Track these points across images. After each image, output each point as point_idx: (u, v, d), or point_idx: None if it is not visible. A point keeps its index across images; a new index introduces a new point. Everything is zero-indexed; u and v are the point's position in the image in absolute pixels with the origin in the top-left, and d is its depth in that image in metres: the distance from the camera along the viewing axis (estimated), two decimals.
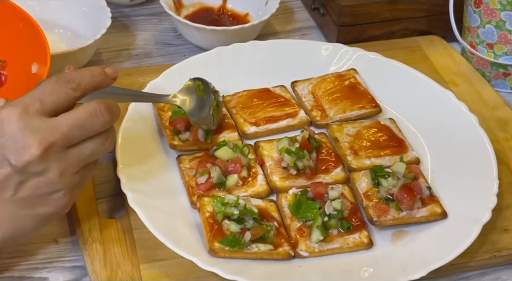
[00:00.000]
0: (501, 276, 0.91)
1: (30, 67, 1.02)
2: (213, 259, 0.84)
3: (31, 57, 1.02)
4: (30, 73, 1.02)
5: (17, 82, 1.04)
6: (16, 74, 1.06)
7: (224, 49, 1.11)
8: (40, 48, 1.00)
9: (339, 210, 0.89)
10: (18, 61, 1.05)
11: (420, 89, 1.08)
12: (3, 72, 1.06)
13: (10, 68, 1.07)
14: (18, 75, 1.05)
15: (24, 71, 1.03)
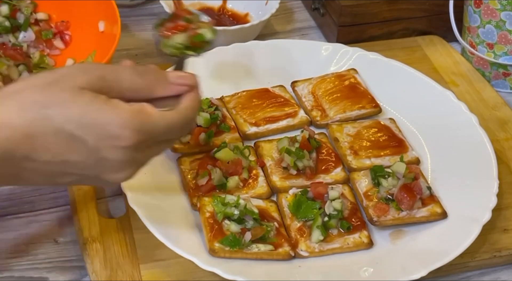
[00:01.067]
0: (501, 276, 0.91)
1: (97, 25, 1.05)
2: (213, 259, 0.84)
3: (97, 16, 1.05)
4: (97, 31, 1.04)
5: (84, 41, 1.07)
6: (82, 33, 1.08)
7: (224, 49, 1.11)
8: (107, 6, 1.02)
9: (339, 210, 0.89)
10: (83, 20, 1.07)
11: (420, 89, 1.08)
12: (67, 32, 1.09)
13: (75, 28, 1.09)
14: (85, 34, 1.07)
15: (90, 30, 1.05)
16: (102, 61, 0.95)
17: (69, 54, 1.07)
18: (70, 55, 1.06)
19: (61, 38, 1.09)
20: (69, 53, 1.07)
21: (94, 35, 1.03)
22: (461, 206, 0.92)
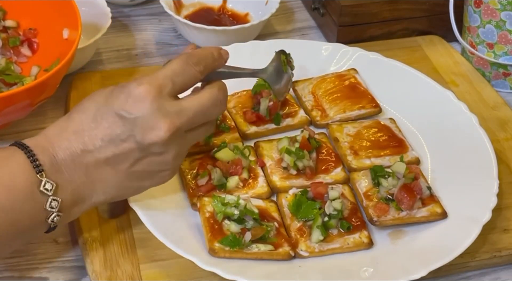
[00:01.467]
0: (501, 276, 0.91)
1: (61, 33, 1.05)
2: (213, 259, 0.84)
3: (62, 23, 1.05)
4: (62, 38, 1.04)
5: (49, 49, 1.06)
6: (48, 41, 1.08)
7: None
8: (70, 13, 1.03)
9: (339, 210, 0.89)
10: (49, 28, 1.07)
11: (420, 89, 1.08)
12: (35, 40, 1.09)
13: (42, 36, 1.09)
14: (50, 42, 1.07)
15: (55, 37, 1.05)
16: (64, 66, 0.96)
17: (36, 62, 1.07)
18: (36, 63, 1.06)
19: (29, 45, 1.09)
20: (35, 61, 1.07)
21: (58, 42, 1.04)
22: (461, 206, 0.92)
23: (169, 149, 0.80)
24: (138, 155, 0.79)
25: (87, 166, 0.78)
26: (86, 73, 1.13)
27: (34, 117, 1.07)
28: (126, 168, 0.80)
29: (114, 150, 0.78)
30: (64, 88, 1.10)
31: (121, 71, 1.14)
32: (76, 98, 1.07)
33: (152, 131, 0.77)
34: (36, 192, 0.76)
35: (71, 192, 0.78)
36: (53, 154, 0.78)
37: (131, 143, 0.78)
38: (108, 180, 0.80)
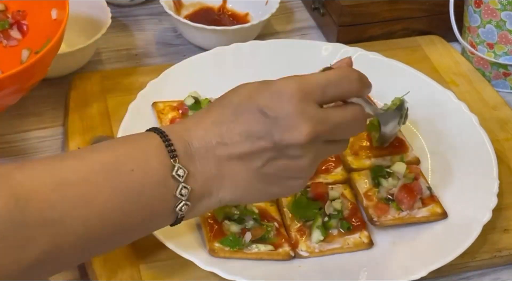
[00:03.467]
0: (502, 276, 0.91)
1: (50, 13, 1.02)
2: (213, 259, 0.84)
3: (50, 4, 1.02)
4: (50, 19, 1.02)
5: (39, 30, 1.04)
6: (37, 22, 1.05)
7: (224, 49, 1.11)
8: None
9: (339, 210, 0.89)
10: (38, 9, 1.05)
11: (420, 89, 1.08)
12: (24, 22, 1.06)
13: (31, 17, 1.06)
14: (39, 23, 1.04)
15: (44, 18, 1.03)
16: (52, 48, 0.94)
17: (26, 44, 1.04)
18: (27, 45, 1.04)
19: (19, 28, 1.06)
20: (26, 43, 1.05)
21: (48, 23, 1.01)
22: (461, 206, 0.92)
23: (305, 155, 0.76)
24: (273, 155, 0.76)
25: (220, 159, 0.77)
26: (86, 73, 1.13)
27: (34, 117, 1.07)
28: (258, 167, 0.77)
29: (250, 146, 0.76)
30: (64, 88, 1.10)
31: (121, 71, 1.14)
32: (76, 98, 1.07)
33: (292, 132, 0.75)
34: (168, 177, 0.74)
35: (201, 182, 0.76)
36: (188, 141, 0.76)
37: (268, 141, 0.75)
38: (237, 176, 0.77)
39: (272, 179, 0.78)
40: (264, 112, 0.75)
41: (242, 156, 0.76)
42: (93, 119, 1.04)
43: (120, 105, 1.04)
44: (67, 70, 1.12)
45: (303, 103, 0.75)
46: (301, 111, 0.75)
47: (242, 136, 0.76)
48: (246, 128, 0.76)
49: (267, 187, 0.79)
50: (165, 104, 1.02)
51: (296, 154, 0.76)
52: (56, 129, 1.06)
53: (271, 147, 0.76)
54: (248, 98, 0.77)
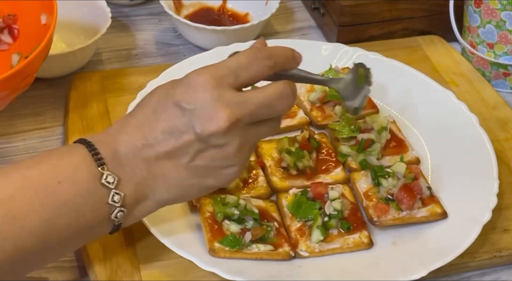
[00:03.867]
0: (501, 276, 0.91)
1: (39, 18, 1.02)
2: (213, 259, 0.84)
3: (40, 8, 1.02)
4: (40, 24, 1.01)
5: (29, 35, 1.03)
6: (27, 27, 1.05)
7: (224, 49, 1.11)
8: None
9: (339, 210, 0.89)
10: (28, 13, 1.04)
11: (420, 89, 1.08)
12: (15, 26, 1.06)
13: (21, 22, 1.06)
14: (29, 28, 1.04)
15: (34, 23, 1.02)
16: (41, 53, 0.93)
17: (16, 49, 1.04)
18: (17, 50, 1.03)
19: (9, 32, 1.06)
20: (16, 48, 1.04)
21: (37, 28, 1.01)
22: (461, 206, 0.92)
23: (230, 141, 0.76)
24: (198, 147, 0.76)
25: (148, 160, 0.77)
26: (86, 73, 1.13)
27: (34, 117, 1.07)
28: (187, 162, 0.77)
29: (174, 143, 0.76)
30: (64, 88, 1.11)
31: (121, 71, 1.14)
32: (76, 98, 1.07)
33: (211, 121, 0.74)
34: (98, 185, 0.74)
35: (134, 187, 0.76)
36: (114, 148, 0.76)
37: (190, 134, 0.75)
38: (169, 175, 0.77)
39: (205, 171, 0.78)
40: (181, 106, 0.75)
41: (169, 154, 0.76)
42: (93, 119, 1.04)
43: (120, 105, 1.04)
44: (67, 70, 1.12)
45: (218, 90, 0.74)
46: (217, 98, 0.74)
47: (165, 134, 0.76)
48: (168, 125, 0.76)
49: (201, 181, 0.79)
50: None
51: (220, 142, 0.76)
52: (56, 129, 1.06)
53: (195, 139, 0.75)
54: (165, 95, 0.77)
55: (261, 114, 0.77)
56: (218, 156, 0.77)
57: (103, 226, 0.77)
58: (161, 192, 0.78)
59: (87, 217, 0.74)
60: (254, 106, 0.76)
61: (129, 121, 0.78)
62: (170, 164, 0.77)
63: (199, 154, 0.77)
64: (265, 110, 0.77)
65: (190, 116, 0.75)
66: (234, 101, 0.75)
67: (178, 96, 0.76)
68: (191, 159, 0.77)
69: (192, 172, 0.78)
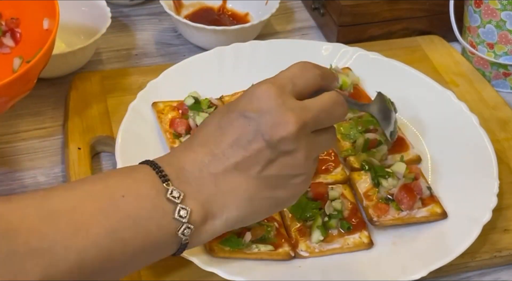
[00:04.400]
0: (502, 276, 0.91)
1: (42, 23, 1.01)
2: (213, 259, 0.84)
3: (42, 13, 1.01)
4: (42, 29, 1.00)
5: (31, 39, 1.03)
6: (29, 31, 1.04)
7: (224, 49, 1.11)
8: (49, 2, 0.99)
9: (339, 210, 0.89)
10: (31, 17, 1.04)
11: (420, 89, 1.08)
12: (17, 29, 1.05)
13: (24, 26, 1.05)
14: (32, 32, 1.03)
15: (37, 28, 1.02)
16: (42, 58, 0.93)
17: (18, 53, 1.03)
18: (19, 53, 1.03)
19: (12, 35, 1.05)
20: (18, 52, 1.03)
21: (40, 32, 1.00)
22: (461, 206, 0.92)
23: (299, 147, 0.75)
24: (269, 155, 0.74)
25: (216, 175, 0.74)
26: (86, 73, 1.13)
27: (34, 117, 1.07)
28: (258, 172, 0.75)
29: (244, 153, 0.74)
30: (64, 88, 1.11)
31: (121, 71, 1.14)
32: (76, 98, 1.07)
33: (280, 126, 0.73)
34: (163, 200, 0.72)
35: (201, 203, 0.74)
36: (179, 166, 0.75)
37: (259, 142, 0.74)
38: (239, 189, 0.75)
39: (275, 181, 0.76)
40: (247, 116, 0.74)
41: (238, 165, 0.75)
42: (93, 119, 1.04)
43: (120, 105, 1.04)
44: (67, 70, 1.12)
45: (281, 97, 0.75)
46: (282, 104, 0.74)
47: (233, 146, 0.75)
48: (235, 137, 0.75)
49: (272, 192, 0.77)
50: (165, 104, 1.02)
51: (290, 148, 0.75)
52: (56, 129, 1.06)
53: (265, 146, 0.74)
54: (227, 111, 0.76)
55: (322, 120, 0.77)
56: (289, 164, 0.76)
57: (169, 243, 0.74)
58: (230, 209, 0.75)
59: (152, 232, 0.72)
60: (316, 112, 0.76)
61: (192, 142, 0.77)
62: (240, 176, 0.75)
63: (270, 162, 0.75)
64: (325, 116, 0.77)
65: (257, 125, 0.74)
66: (298, 107, 0.75)
67: (242, 107, 0.75)
68: (261, 168, 0.75)
69: (263, 183, 0.76)
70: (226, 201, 0.75)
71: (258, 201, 0.76)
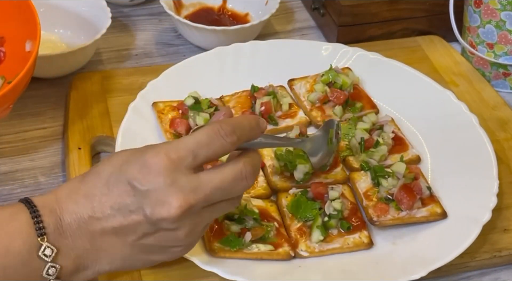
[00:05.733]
0: (501, 276, 0.91)
1: (24, 45, 0.99)
2: (213, 259, 0.84)
3: (25, 35, 0.99)
4: (24, 51, 0.98)
5: (14, 60, 1.00)
6: (12, 51, 1.02)
7: (224, 49, 1.11)
8: (32, 24, 0.97)
9: (339, 210, 0.89)
10: (14, 38, 1.02)
11: (420, 89, 1.08)
12: (2, 48, 1.03)
13: (8, 45, 1.03)
14: (15, 53, 1.01)
15: (19, 49, 0.99)
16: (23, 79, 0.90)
17: (1, 72, 1.00)
18: (1, 73, 0.99)
19: None
20: (1, 71, 1.00)
21: (22, 55, 0.97)
22: (461, 206, 0.92)
23: (181, 226, 0.74)
24: (147, 229, 0.74)
25: (93, 234, 0.74)
26: (86, 73, 1.13)
27: (34, 117, 1.07)
28: (134, 240, 0.75)
29: (122, 220, 0.73)
30: (64, 88, 1.11)
31: (121, 71, 1.14)
32: (76, 98, 1.07)
33: (163, 206, 0.72)
34: (34, 257, 0.72)
35: (74, 259, 0.74)
36: (59, 216, 0.73)
37: (139, 215, 0.73)
38: (113, 250, 0.75)
39: (151, 249, 0.76)
40: (134, 185, 0.72)
41: (115, 230, 0.74)
42: (93, 119, 1.04)
43: (120, 105, 1.04)
44: (67, 70, 1.12)
45: (173, 174, 0.72)
46: (171, 183, 0.71)
47: (113, 210, 0.73)
48: (118, 201, 0.73)
49: (146, 257, 0.77)
50: (165, 104, 1.02)
51: (171, 227, 0.73)
52: (56, 129, 1.06)
53: (144, 221, 0.73)
54: (119, 169, 0.74)
55: (216, 197, 0.74)
56: (167, 238, 0.75)
57: None
58: (103, 263, 0.76)
59: None
60: (209, 191, 0.73)
61: (79, 188, 0.75)
62: (116, 239, 0.75)
63: (147, 235, 0.75)
64: (221, 194, 0.74)
65: (141, 198, 0.72)
66: (188, 187, 0.72)
67: (131, 174, 0.73)
68: (138, 238, 0.75)
69: (138, 249, 0.76)
70: (100, 258, 0.75)
71: (132, 260, 0.77)
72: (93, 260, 0.75)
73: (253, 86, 1.05)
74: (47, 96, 1.10)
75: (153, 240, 0.75)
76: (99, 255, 0.75)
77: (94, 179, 0.75)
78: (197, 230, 0.76)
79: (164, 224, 0.73)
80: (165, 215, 0.72)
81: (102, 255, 0.75)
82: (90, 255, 0.75)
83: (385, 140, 0.99)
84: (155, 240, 0.75)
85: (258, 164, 0.77)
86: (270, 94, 1.03)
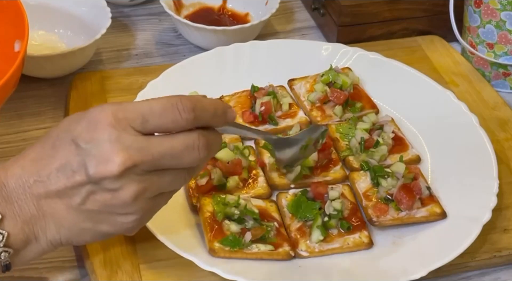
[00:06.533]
0: (501, 276, 0.91)
1: (13, 45, 0.98)
2: (213, 259, 0.84)
3: (14, 35, 0.98)
4: (13, 51, 0.97)
5: (2, 60, 0.98)
6: (1, 52, 1.00)
7: (224, 49, 1.11)
8: (20, 24, 0.96)
9: (339, 210, 0.89)
10: (2, 38, 1.00)
11: (420, 89, 1.08)
12: None
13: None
14: (3, 53, 0.99)
15: (8, 50, 0.98)
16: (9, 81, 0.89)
17: None
18: None
19: None
20: None
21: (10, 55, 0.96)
22: (461, 206, 0.92)
23: (125, 187, 0.71)
24: (90, 189, 0.71)
25: (38, 198, 0.72)
26: (86, 73, 1.13)
27: (34, 117, 1.07)
28: (78, 204, 0.72)
29: (65, 182, 0.71)
30: (64, 88, 1.11)
31: (121, 71, 1.14)
32: (76, 98, 1.07)
33: (105, 164, 0.69)
34: None
35: (21, 225, 0.72)
36: (4, 182, 0.72)
37: (82, 175, 0.70)
38: (59, 215, 0.73)
39: (97, 216, 0.73)
40: (78, 144, 0.70)
41: (59, 193, 0.72)
42: None
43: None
44: (67, 70, 1.12)
45: (118, 131, 0.69)
46: (115, 139, 0.69)
47: (58, 172, 0.71)
48: (62, 163, 0.71)
49: (94, 226, 0.74)
50: None
51: (113, 187, 0.71)
52: None
53: (86, 180, 0.71)
54: (66, 130, 0.72)
55: (164, 163, 0.72)
56: (112, 202, 0.72)
57: None
58: (52, 232, 0.74)
59: None
60: (156, 155, 0.71)
61: (27, 153, 0.74)
62: (61, 203, 0.73)
63: (91, 197, 0.72)
64: (169, 160, 0.72)
65: (84, 156, 0.70)
66: (134, 146, 0.70)
67: (76, 132, 0.71)
68: (82, 201, 0.72)
69: (84, 215, 0.73)
70: (48, 224, 0.73)
71: (79, 230, 0.75)
72: (42, 227, 0.73)
73: (253, 86, 1.05)
74: (47, 96, 1.10)
75: (97, 204, 0.72)
76: (47, 222, 0.73)
77: (43, 142, 0.74)
78: (144, 197, 0.73)
79: (106, 183, 0.70)
80: (107, 172, 0.70)
81: (49, 221, 0.73)
82: (38, 221, 0.73)
83: (385, 140, 0.99)
84: (99, 204, 0.72)
85: (215, 141, 0.75)
86: (270, 94, 1.03)
